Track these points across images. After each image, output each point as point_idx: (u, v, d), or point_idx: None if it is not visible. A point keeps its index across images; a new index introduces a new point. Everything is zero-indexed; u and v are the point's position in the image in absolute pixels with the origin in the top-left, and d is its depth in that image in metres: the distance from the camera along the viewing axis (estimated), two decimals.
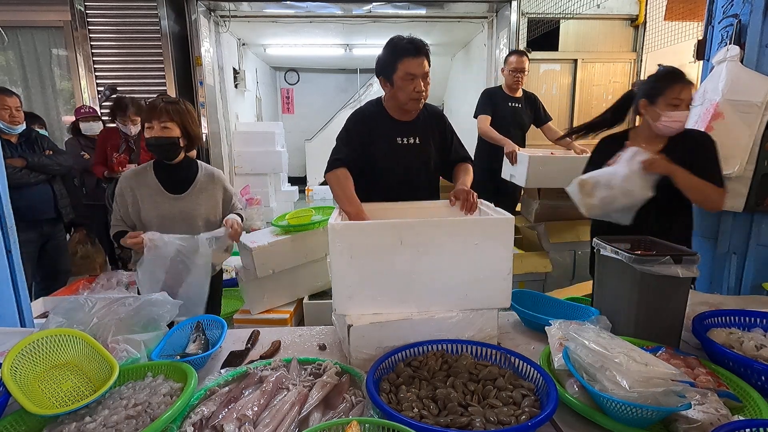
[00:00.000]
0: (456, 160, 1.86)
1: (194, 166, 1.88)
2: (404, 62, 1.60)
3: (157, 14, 4.28)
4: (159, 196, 1.78)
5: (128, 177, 1.81)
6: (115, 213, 1.82)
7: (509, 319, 1.50)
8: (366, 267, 1.19)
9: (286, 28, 5.82)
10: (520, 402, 0.93)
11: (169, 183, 1.81)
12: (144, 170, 1.83)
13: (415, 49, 1.60)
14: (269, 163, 6.01)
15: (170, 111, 1.73)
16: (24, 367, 0.96)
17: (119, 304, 1.23)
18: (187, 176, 1.85)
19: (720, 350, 1.08)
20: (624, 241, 1.33)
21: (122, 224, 1.81)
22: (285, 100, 9.61)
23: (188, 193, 1.82)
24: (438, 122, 1.84)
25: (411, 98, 1.64)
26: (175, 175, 1.83)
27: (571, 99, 5.20)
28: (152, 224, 1.77)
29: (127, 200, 1.78)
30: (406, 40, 1.62)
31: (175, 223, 1.77)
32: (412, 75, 1.60)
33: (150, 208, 1.77)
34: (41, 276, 2.91)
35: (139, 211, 1.78)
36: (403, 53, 1.60)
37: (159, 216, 1.77)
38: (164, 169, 1.82)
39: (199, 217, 1.82)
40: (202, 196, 1.84)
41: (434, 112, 1.86)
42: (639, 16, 4.99)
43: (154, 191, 1.79)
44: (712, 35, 2.18)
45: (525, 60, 3.29)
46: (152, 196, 1.78)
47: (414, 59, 1.60)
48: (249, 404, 0.92)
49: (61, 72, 4.43)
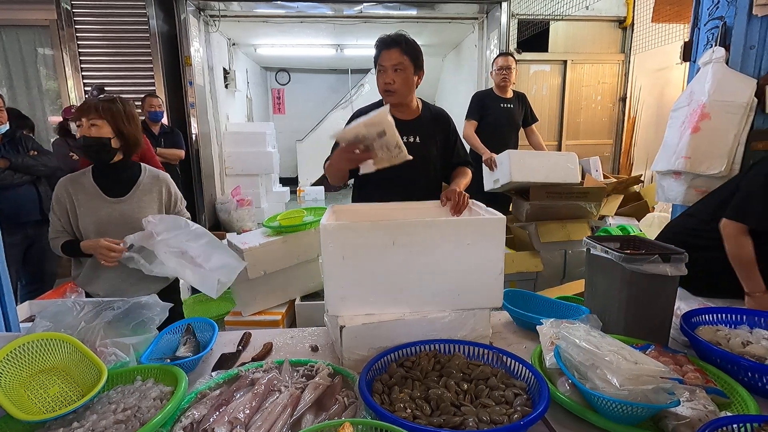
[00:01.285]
0: (457, 163, 1.86)
1: (136, 168, 1.75)
2: (380, 56, 1.66)
3: (146, 13, 4.23)
4: (97, 200, 1.65)
5: (64, 183, 1.67)
6: (53, 224, 1.67)
7: (501, 319, 1.51)
8: (358, 268, 1.19)
9: (277, 28, 5.79)
10: (512, 401, 0.93)
11: (108, 186, 1.68)
12: (82, 175, 1.69)
13: (388, 41, 1.64)
14: (260, 163, 5.98)
15: (100, 109, 1.61)
16: (9, 372, 0.94)
17: (108, 308, 1.21)
18: (128, 178, 1.72)
19: (707, 347, 1.09)
20: (613, 240, 1.35)
21: (65, 234, 1.67)
22: (276, 100, 9.57)
23: (129, 196, 1.69)
24: (442, 123, 1.84)
25: (382, 90, 1.68)
26: (114, 178, 1.69)
27: (561, 99, 5.26)
28: (89, 231, 1.64)
29: (64, 207, 1.65)
30: (385, 35, 1.67)
31: (115, 228, 1.63)
32: (383, 67, 1.65)
33: (87, 213, 1.64)
34: (27, 279, 2.86)
35: (76, 218, 1.65)
36: (379, 47, 1.66)
37: (97, 221, 1.64)
38: (102, 172, 1.69)
39: (142, 220, 1.66)
40: (146, 199, 1.72)
41: (439, 113, 1.86)
42: (627, 18, 5.06)
43: (91, 195, 1.66)
44: (699, 37, 2.21)
45: (510, 59, 3.34)
46: (89, 201, 1.65)
47: (386, 51, 1.64)
48: (240, 407, 0.92)
49: (48, 72, 4.36)
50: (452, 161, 1.86)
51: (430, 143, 1.78)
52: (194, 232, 1.61)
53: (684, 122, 2.08)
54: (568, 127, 5.31)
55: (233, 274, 1.56)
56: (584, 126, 5.35)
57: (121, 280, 1.69)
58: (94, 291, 1.73)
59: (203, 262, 1.53)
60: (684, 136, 2.04)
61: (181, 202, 1.87)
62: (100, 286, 1.71)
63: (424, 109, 1.82)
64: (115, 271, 1.65)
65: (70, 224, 1.66)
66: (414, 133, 1.75)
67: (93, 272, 1.70)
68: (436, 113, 1.85)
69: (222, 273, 1.53)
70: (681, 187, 2.09)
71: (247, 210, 5.33)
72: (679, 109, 2.16)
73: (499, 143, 3.25)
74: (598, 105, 5.30)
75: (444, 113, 1.89)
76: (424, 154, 1.76)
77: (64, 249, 1.66)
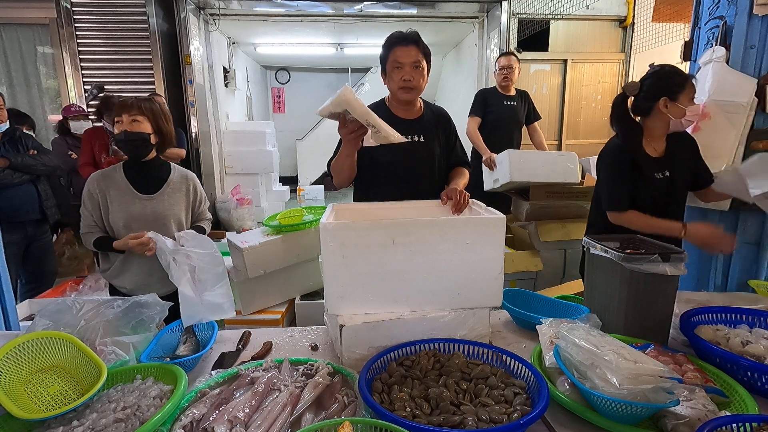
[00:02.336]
0: (455, 163, 1.87)
1: (166, 166, 1.80)
2: (394, 51, 1.65)
3: (146, 12, 4.23)
4: (128, 197, 1.69)
5: (96, 178, 1.71)
6: (85, 219, 1.71)
7: (501, 318, 1.51)
8: (358, 267, 1.19)
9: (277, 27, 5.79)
10: (511, 400, 0.93)
11: (139, 183, 1.72)
12: (113, 171, 1.73)
13: (403, 38, 1.64)
14: (260, 162, 5.97)
15: (141, 106, 1.66)
16: (9, 370, 0.94)
17: (108, 306, 1.21)
18: (159, 176, 1.76)
19: (707, 347, 1.09)
20: (613, 239, 1.35)
21: (97, 229, 1.71)
22: (276, 99, 9.56)
23: (160, 194, 1.74)
24: (443, 123, 1.85)
25: (399, 87, 1.66)
26: (146, 175, 1.74)
27: (561, 99, 5.26)
28: (119, 226, 1.67)
29: (96, 202, 1.69)
30: (399, 32, 1.67)
31: (144, 225, 1.68)
32: (399, 63, 1.64)
33: (118, 208, 1.68)
34: (27, 278, 2.86)
35: (107, 213, 1.68)
36: (394, 43, 1.65)
37: (127, 217, 1.68)
38: (134, 168, 1.73)
39: (171, 217, 1.74)
40: (175, 197, 1.77)
41: (440, 113, 1.87)
42: (627, 17, 5.06)
43: (123, 191, 1.69)
44: (699, 36, 2.21)
45: (512, 58, 3.36)
46: (121, 197, 1.69)
47: (403, 48, 1.63)
48: (240, 406, 0.92)
49: (47, 70, 4.35)
50: (450, 161, 1.86)
51: (433, 141, 1.79)
52: (214, 257, 1.64)
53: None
54: (568, 126, 5.31)
55: (216, 316, 1.50)
56: (584, 125, 5.34)
57: (148, 275, 1.74)
58: (121, 284, 1.78)
59: (201, 289, 1.56)
60: None
61: (205, 202, 1.93)
62: (128, 280, 1.76)
63: (426, 108, 1.82)
64: (143, 267, 1.72)
65: (101, 219, 1.71)
66: (418, 132, 1.76)
67: (123, 266, 1.76)
68: (437, 112, 1.86)
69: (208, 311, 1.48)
70: None
71: (247, 209, 5.33)
72: None
73: (502, 141, 3.26)
74: (598, 104, 5.30)
75: (445, 113, 1.89)
76: (429, 152, 1.77)
77: (96, 244, 1.71)
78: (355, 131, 1.42)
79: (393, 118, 1.75)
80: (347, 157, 1.59)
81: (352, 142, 1.50)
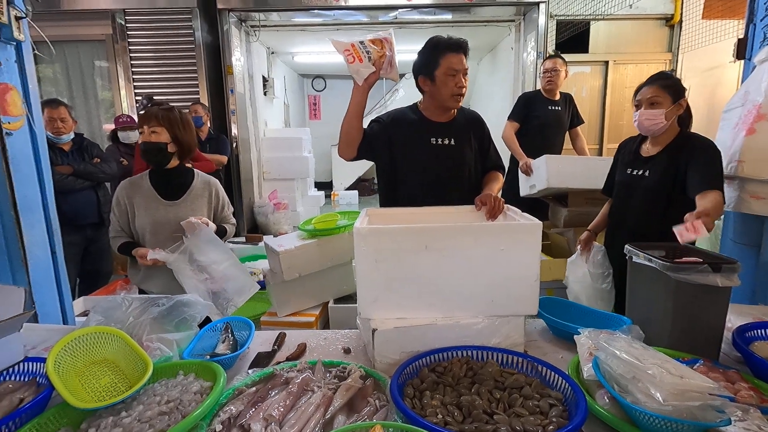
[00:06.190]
0: (490, 167, 1.85)
1: (190, 174, 1.89)
2: (446, 58, 1.65)
3: (192, 26, 4.46)
4: (153, 202, 1.79)
5: (124, 186, 1.83)
6: (113, 224, 1.83)
7: (536, 327, 1.47)
8: (391, 271, 1.19)
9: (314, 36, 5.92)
10: (547, 411, 0.91)
11: (163, 189, 1.82)
12: (140, 178, 1.85)
13: (457, 45, 1.66)
14: (296, 168, 6.11)
15: (159, 116, 1.74)
16: (66, 362, 1.01)
17: (153, 304, 1.28)
18: (182, 183, 1.85)
19: (763, 364, 1.02)
20: (658, 247, 1.28)
21: (123, 234, 1.82)
22: (312, 106, 9.77)
23: (183, 200, 1.83)
24: (476, 126, 1.84)
25: (453, 93, 1.67)
26: (169, 182, 1.83)
27: (602, 102, 5.07)
28: (145, 231, 1.77)
29: (123, 209, 1.80)
30: (448, 37, 1.68)
31: (168, 229, 1.77)
32: (454, 70, 1.65)
33: (144, 214, 1.78)
34: (84, 277, 3.06)
35: (134, 219, 1.79)
36: (445, 49, 1.65)
37: (152, 222, 1.77)
38: (159, 175, 1.83)
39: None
40: (197, 203, 1.85)
41: (472, 116, 1.87)
42: (675, 15, 4.82)
43: (148, 198, 1.80)
44: (754, 33, 2.08)
45: (557, 61, 3.27)
46: (146, 203, 1.79)
47: (456, 55, 1.65)
48: (275, 405, 0.94)
49: (103, 82, 4.67)
50: (485, 165, 1.84)
51: (464, 145, 1.78)
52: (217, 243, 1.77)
53: (737, 124, 1.95)
54: (610, 130, 5.11)
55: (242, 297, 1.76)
56: (627, 129, 5.11)
57: (172, 279, 1.81)
58: (149, 288, 1.88)
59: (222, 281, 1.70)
60: (737, 138, 1.92)
61: (228, 207, 1.99)
62: (154, 284, 1.86)
63: (459, 112, 1.82)
64: (168, 272, 1.79)
65: (128, 224, 1.81)
66: (449, 135, 1.76)
67: (150, 271, 1.85)
68: (470, 116, 1.85)
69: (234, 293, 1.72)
70: (734, 193, 1.96)
71: (284, 213, 5.46)
72: (732, 110, 2.03)
73: (545, 145, 3.17)
74: None
75: (478, 116, 1.88)
76: (460, 156, 1.76)
77: (121, 249, 1.81)
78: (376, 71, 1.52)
79: (425, 122, 1.76)
80: (357, 104, 1.65)
81: (366, 83, 1.58)
